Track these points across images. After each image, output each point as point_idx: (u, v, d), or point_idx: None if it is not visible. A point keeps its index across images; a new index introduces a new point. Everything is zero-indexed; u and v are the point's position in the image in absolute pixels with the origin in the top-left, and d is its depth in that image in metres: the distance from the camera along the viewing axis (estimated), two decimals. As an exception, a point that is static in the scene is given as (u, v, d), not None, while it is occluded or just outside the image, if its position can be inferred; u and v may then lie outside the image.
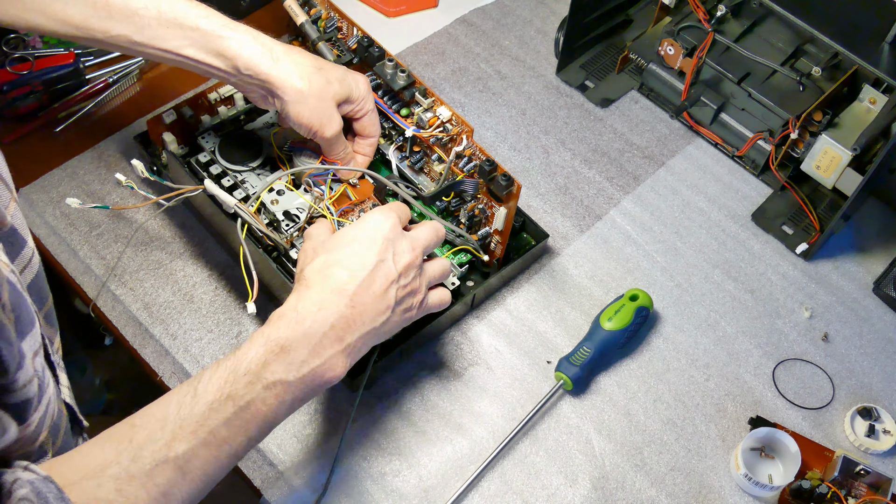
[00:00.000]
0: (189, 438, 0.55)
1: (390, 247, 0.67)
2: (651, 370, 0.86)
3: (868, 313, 0.93)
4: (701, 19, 0.96)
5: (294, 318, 0.61)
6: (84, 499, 0.50)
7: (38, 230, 0.89)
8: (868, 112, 0.92)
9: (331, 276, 0.64)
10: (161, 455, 0.54)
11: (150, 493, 0.53)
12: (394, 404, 0.81)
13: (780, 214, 0.99)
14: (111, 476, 0.52)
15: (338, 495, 0.76)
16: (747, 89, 0.97)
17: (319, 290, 0.63)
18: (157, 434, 0.55)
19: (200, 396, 0.57)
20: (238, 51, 0.73)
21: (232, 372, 0.58)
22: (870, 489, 0.78)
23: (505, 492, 0.78)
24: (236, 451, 0.58)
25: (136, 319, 0.84)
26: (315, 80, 0.75)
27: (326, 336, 0.62)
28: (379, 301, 0.65)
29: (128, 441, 0.54)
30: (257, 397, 0.58)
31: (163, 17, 0.72)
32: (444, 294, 0.74)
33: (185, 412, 0.56)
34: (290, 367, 0.60)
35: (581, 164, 1.01)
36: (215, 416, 0.57)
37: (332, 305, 0.62)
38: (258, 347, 0.60)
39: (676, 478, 0.80)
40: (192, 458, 0.55)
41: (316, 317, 0.62)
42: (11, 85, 0.94)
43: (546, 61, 1.10)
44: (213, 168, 0.84)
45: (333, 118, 0.77)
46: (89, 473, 0.52)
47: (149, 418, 0.56)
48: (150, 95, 1.01)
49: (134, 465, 0.53)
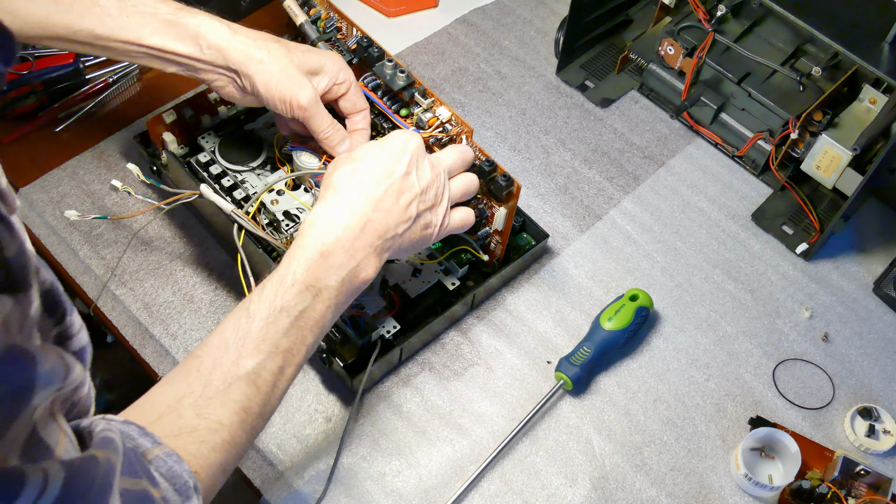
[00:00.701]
0: (254, 354, 0.58)
1: (414, 162, 0.70)
2: (651, 370, 0.86)
3: (868, 313, 0.93)
4: (701, 19, 0.97)
5: (325, 224, 0.65)
6: (168, 431, 0.52)
7: (38, 230, 0.89)
8: (868, 112, 0.92)
9: (358, 182, 0.67)
10: (232, 374, 0.57)
11: (230, 409, 0.56)
12: (394, 404, 0.81)
13: (780, 214, 0.99)
14: (189, 405, 0.55)
15: (338, 495, 0.76)
16: (747, 89, 0.97)
17: (346, 195, 0.67)
18: (223, 357, 0.57)
19: (255, 314, 0.60)
20: (196, 28, 0.73)
21: (279, 286, 0.61)
22: (870, 489, 0.78)
23: (505, 492, 0.78)
24: (298, 359, 0.61)
25: (136, 319, 0.84)
26: (274, 50, 0.75)
27: (358, 238, 0.65)
28: (402, 210, 0.68)
29: (195, 371, 0.57)
30: (308, 305, 0.61)
31: (122, 5, 0.72)
32: (467, 214, 0.77)
33: (242, 332, 0.59)
34: (330, 272, 0.63)
35: (581, 164, 1.01)
36: (273, 329, 0.59)
37: (360, 209, 0.66)
38: (298, 259, 0.63)
39: (676, 478, 0.80)
40: (260, 371, 0.58)
41: (346, 221, 0.65)
42: (11, 85, 0.94)
43: (546, 61, 1.10)
44: (213, 168, 0.84)
45: (304, 85, 0.75)
46: (167, 409, 0.54)
47: (210, 347, 0.59)
48: (150, 95, 1.01)
49: (208, 389, 0.56)
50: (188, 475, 0.50)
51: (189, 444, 0.53)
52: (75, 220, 0.84)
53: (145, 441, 0.49)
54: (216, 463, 0.55)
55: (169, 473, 0.49)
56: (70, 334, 0.45)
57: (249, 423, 0.57)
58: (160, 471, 0.49)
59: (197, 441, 0.53)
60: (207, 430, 0.54)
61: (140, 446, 0.49)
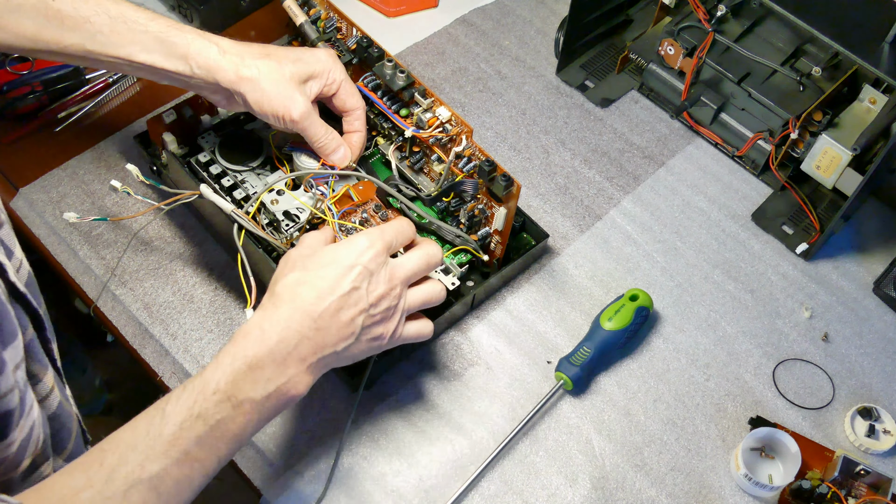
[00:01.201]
0: (161, 459, 0.55)
1: (367, 276, 0.66)
2: (651, 370, 0.86)
3: (868, 313, 0.93)
4: (701, 19, 0.96)
5: (259, 336, 0.62)
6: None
7: (38, 230, 0.89)
8: (868, 112, 0.92)
9: (300, 294, 0.64)
10: (134, 476, 0.54)
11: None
12: (394, 404, 0.81)
13: (780, 214, 0.99)
14: (85, 500, 0.52)
15: (338, 495, 0.76)
16: (747, 89, 0.97)
17: (287, 308, 0.63)
18: (129, 456, 0.55)
19: (170, 417, 0.57)
20: (186, 48, 0.73)
21: (200, 392, 0.58)
22: (870, 489, 0.78)
23: (505, 492, 0.78)
24: (207, 470, 0.58)
25: (136, 319, 0.84)
26: (264, 66, 0.74)
27: (291, 355, 0.62)
28: (343, 327, 0.65)
29: (98, 465, 0.54)
30: (227, 416, 0.59)
31: (113, 22, 0.72)
32: (424, 327, 0.73)
33: (154, 433, 0.56)
34: (256, 385, 0.60)
35: (581, 164, 1.01)
36: (186, 436, 0.57)
37: (296, 325, 0.63)
38: (225, 366, 0.60)
39: (676, 478, 0.80)
40: (164, 478, 0.55)
41: (281, 335, 0.62)
42: (11, 85, 0.94)
43: (546, 61, 1.10)
44: (213, 168, 0.84)
45: (296, 99, 0.75)
46: (64, 499, 0.52)
47: (118, 443, 0.56)
48: (150, 95, 1.01)
49: (108, 487, 0.53)
50: None
51: None
52: (74, 222, 0.84)
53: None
54: None
55: None
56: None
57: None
58: None
59: None
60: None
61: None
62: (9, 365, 0.46)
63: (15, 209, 0.91)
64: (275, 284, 0.66)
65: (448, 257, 0.84)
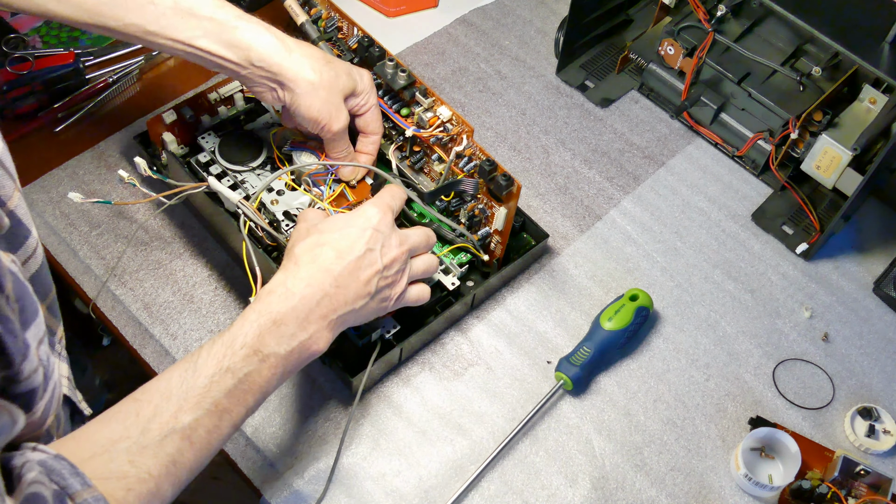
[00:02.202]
0: (194, 409, 0.58)
1: (380, 239, 0.70)
2: (651, 370, 0.86)
3: (868, 313, 0.93)
4: (701, 19, 0.96)
5: (283, 293, 0.65)
6: (98, 473, 0.52)
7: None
8: (868, 112, 0.92)
9: (320, 255, 0.68)
10: (169, 426, 0.57)
11: (161, 462, 0.56)
12: (394, 404, 0.81)
13: (780, 214, 0.99)
14: (123, 450, 0.54)
15: (338, 495, 0.76)
16: (747, 89, 0.97)
17: (308, 268, 0.67)
18: (163, 406, 0.57)
19: (201, 370, 0.60)
20: (251, 41, 0.74)
21: (229, 346, 0.61)
22: (870, 489, 0.78)
23: (505, 492, 0.78)
24: (235, 420, 0.61)
25: (136, 319, 0.84)
26: (325, 72, 0.76)
27: (313, 311, 0.65)
28: (361, 287, 0.68)
29: (134, 416, 0.57)
30: (254, 369, 0.62)
31: (178, 6, 0.72)
32: (423, 291, 0.77)
33: (187, 385, 0.59)
34: (281, 341, 0.63)
35: (581, 164, 1.01)
36: (216, 388, 0.59)
37: (318, 283, 0.66)
38: (251, 323, 0.63)
39: (676, 478, 0.80)
40: (197, 428, 0.58)
41: (304, 293, 0.65)
42: (11, 85, 0.94)
43: (546, 61, 1.10)
44: (213, 168, 0.84)
45: (342, 111, 0.78)
46: (100, 449, 0.54)
47: (152, 393, 0.58)
48: (150, 95, 1.01)
49: (143, 437, 0.56)
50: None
51: (117, 489, 0.53)
52: (78, 202, 0.84)
53: (75, 482, 0.49)
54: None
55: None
56: (18, 379, 0.46)
57: (176, 477, 0.57)
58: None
59: (124, 488, 0.53)
60: (136, 479, 0.54)
61: (69, 487, 0.49)
62: (32, 345, 0.47)
63: (15, 209, 0.91)
64: (293, 248, 0.69)
65: (448, 257, 0.84)
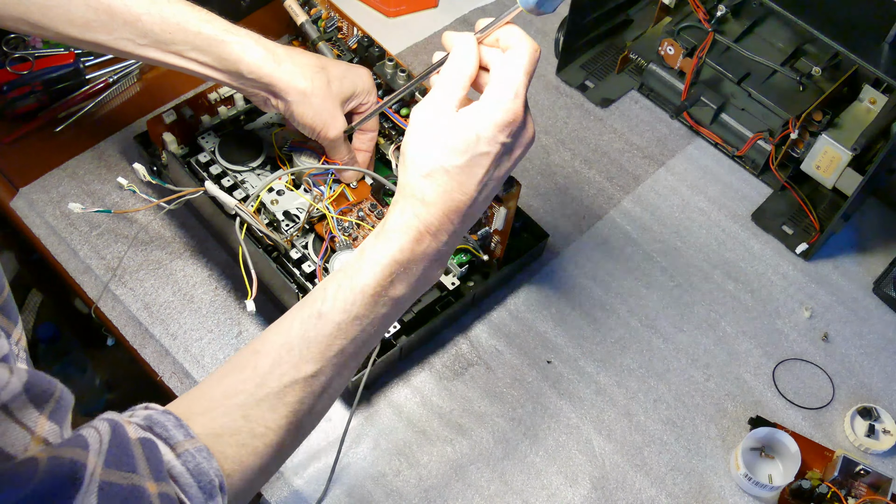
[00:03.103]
0: (317, 359, 0.57)
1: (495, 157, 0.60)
2: (651, 370, 0.86)
3: (868, 313, 0.93)
4: (701, 19, 0.96)
5: (415, 237, 0.59)
6: (209, 429, 0.52)
7: (38, 230, 0.89)
8: (868, 112, 0.92)
9: (451, 198, 0.59)
10: (289, 377, 0.56)
11: (281, 413, 0.55)
12: (394, 404, 0.81)
13: (780, 214, 0.99)
14: (237, 405, 0.54)
15: (338, 495, 0.76)
16: (747, 89, 0.97)
17: (438, 210, 0.59)
18: (284, 358, 0.56)
19: (327, 318, 0.58)
20: (241, 55, 0.73)
21: (360, 293, 0.58)
22: (870, 489, 0.78)
23: (505, 492, 0.78)
24: (357, 364, 0.61)
25: (136, 319, 0.84)
26: (317, 81, 0.75)
27: (440, 253, 0.61)
28: (483, 207, 0.63)
29: (252, 369, 0.56)
30: (381, 313, 0.60)
31: (165, 22, 0.72)
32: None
33: (311, 335, 0.57)
34: (409, 283, 0.60)
35: (581, 164, 1.01)
36: (343, 336, 0.58)
37: (448, 227, 0.60)
38: (385, 267, 0.59)
39: (676, 478, 0.80)
40: (319, 376, 0.57)
41: (436, 237, 0.60)
42: (11, 85, 0.94)
43: (546, 61, 1.10)
44: (213, 168, 0.84)
45: (337, 118, 0.78)
46: (213, 404, 0.54)
47: (272, 345, 0.57)
48: (150, 95, 1.01)
49: (260, 390, 0.55)
50: (215, 474, 0.50)
51: (228, 446, 0.52)
52: (79, 212, 0.84)
53: (178, 433, 0.49)
54: (254, 466, 0.54)
55: (196, 469, 0.49)
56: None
57: (299, 426, 0.57)
58: (187, 465, 0.49)
59: (236, 444, 0.53)
60: (250, 434, 0.54)
61: (171, 438, 0.49)
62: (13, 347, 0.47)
63: (15, 209, 0.91)
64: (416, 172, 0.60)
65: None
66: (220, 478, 0.50)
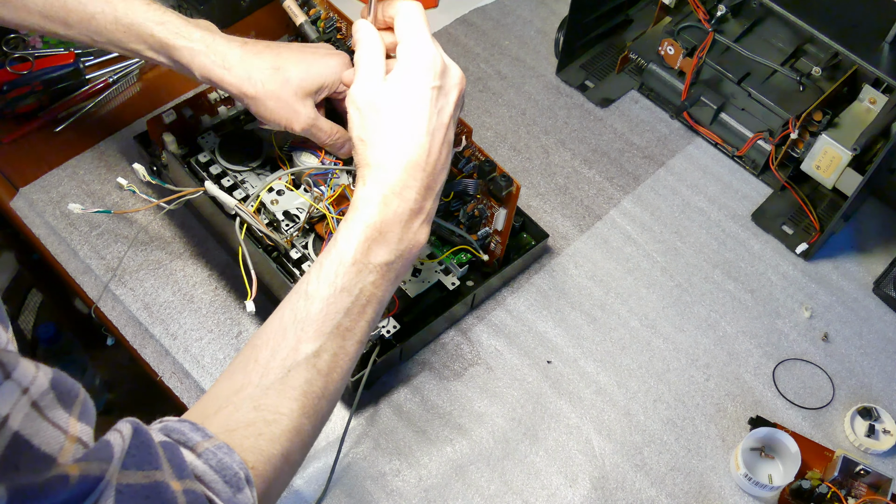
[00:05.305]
0: (314, 337, 0.58)
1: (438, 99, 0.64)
2: (651, 370, 0.86)
3: (868, 313, 0.93)
4: (701, 19, 0.97)
5: (382, 200, 0.62)
6: (224, 426, 0.53)
7: (38, 230, 0.89)
8: (868, 112, 0.92)
9: (404, 153, 0.63)
10: (290, 360, 0.57)
11: (289, 397, 0.56)
12: (394, 404, 0.81)
13: (780, 214, 0.99)
14: (246, 397, 0.55)
15: (338, 495, 0.76)
16: (747, 89, 0.97)
17: (396, 169, 0.62)
18: (281, 344, 0.57)
19: (314, 296, 0.59)
20: (189, 61, 0.73)
21: (339, 264, 0.60)
22: (870, 489, 0.78)
23: (505, 492, 0.78)
24: (359, 337, 0.61)
25: (136, 319, 0.84)
26: (270, 84, 0.73)
27: (412, 211, 0.63)
28: (445, 160, 0.65)
29: (253, 361, 0.57)
30: (367, 282, 0.61)
31: (118, 22, 0.72)
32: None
33: (301, 315, 0.58)
34: (389, 248, 0.62)
35: (581, 164, 1.01)
36: (334, 310, 0.59)
37: (413, 182, 0.63)
38: (358, 235, 0.61)
39: (676, 478, 0.80)
40: (321, 353, 0.58)
41: (402, 195, 0.62)
42: (11, 85, 0.94)
43: (546, 61, 1.10)
44: (213, 168, 0.84)
45: (299, 112, 0.75)
46: (225, 403, 0.55)
47: (267, 335, 0.58)
48: (150, 95, 1.01)
49: (265, 379, 0.56)
50: (239, 466, 0.50)
51: (244, 438, 0.53)
52: (79, 213, 0.84)
53: (195, 435, 0.50)
54: (276, 453, 0.55)
55: (219, 465, 0.49)
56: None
57: (312, 408, 0.57)
58: (209, 462, 0.49)
59: (253, 434, 0.54)
60: (264, 422, 0.54)
61: (189, 440, 0.50)
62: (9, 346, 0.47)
63: (15, 209, 0.91)
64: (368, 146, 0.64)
65: (448, 257, 0.84)
66: (245, 470, 0.51)
